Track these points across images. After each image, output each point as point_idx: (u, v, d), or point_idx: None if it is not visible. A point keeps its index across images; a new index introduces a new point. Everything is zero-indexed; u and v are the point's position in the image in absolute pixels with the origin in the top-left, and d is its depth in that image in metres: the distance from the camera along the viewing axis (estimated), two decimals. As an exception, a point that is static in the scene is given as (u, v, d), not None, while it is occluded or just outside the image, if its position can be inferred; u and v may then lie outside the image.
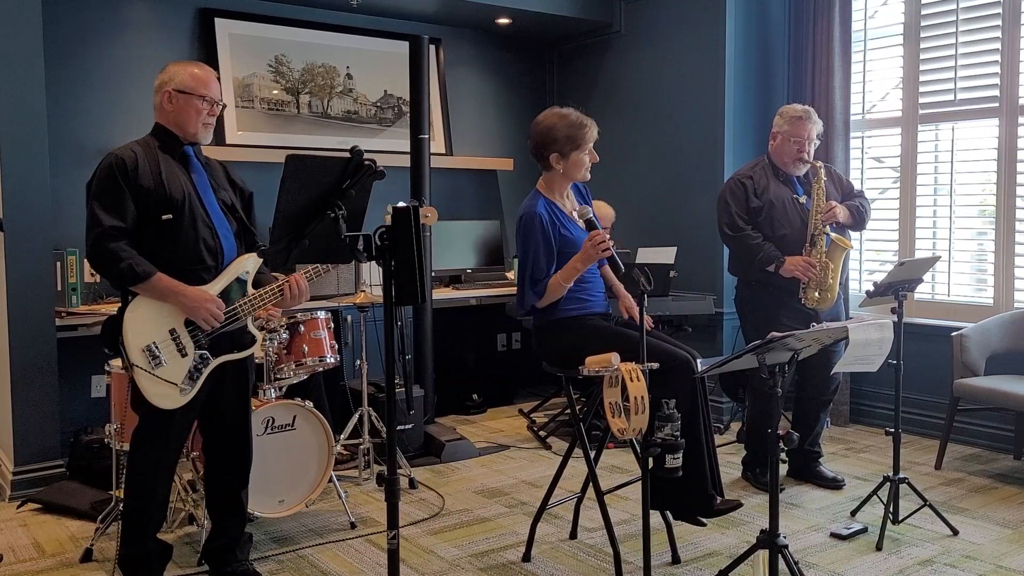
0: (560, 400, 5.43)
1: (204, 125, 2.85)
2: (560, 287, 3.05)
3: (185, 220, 2.73)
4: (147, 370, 2.65)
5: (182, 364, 2.71)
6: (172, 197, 2.71)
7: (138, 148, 2.77)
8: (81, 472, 3.96)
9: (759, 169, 3.97)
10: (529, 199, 3.20)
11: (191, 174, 2.82)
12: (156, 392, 2.67)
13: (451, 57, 5.91)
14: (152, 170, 2.72)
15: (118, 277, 2.67)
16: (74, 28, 4.62)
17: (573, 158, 3.13)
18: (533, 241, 3.09)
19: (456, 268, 5.60)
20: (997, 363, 4.34)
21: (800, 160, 3.87)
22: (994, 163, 4.57)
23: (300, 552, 3.30)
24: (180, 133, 2.82)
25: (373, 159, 2.15)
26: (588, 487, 3.24)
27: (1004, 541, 3.35)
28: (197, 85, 2.81)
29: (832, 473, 4.02)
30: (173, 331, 2.71)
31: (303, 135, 5.29)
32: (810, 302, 3.81)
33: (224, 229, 2.84)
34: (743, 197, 3.90)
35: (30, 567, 3.18)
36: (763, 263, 3.83)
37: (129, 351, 2.65)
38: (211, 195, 2.84)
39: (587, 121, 3.15)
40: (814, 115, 3.89)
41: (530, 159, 3.30)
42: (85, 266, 4.56)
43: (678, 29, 5.40)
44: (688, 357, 2.93)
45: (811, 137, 3.86)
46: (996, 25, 4.53)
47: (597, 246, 2.91)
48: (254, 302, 2.84)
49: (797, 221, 3.86)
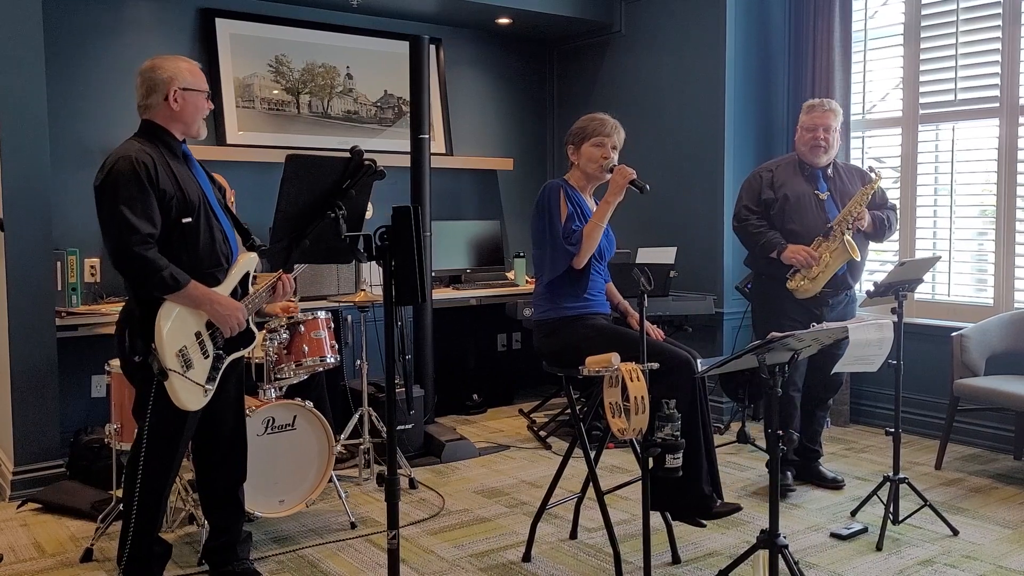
0: (560, 400, 5.43)
1: (203, 120, 2.84)
2: (596, 228, 3.10)
3: (202, 223, 2.72)
4: (181, 373, 2.64)
5: (205, 365, 2.72)
6: (190, 200, 2.69)
7: (149, 148, 2.69)
8: (81, 472, 3.96)
9: (785, 163, 4.00)
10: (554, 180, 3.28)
11: (195, 175, 2.80)
12: (187, 395, 2.66)
13: (451, 57, 5.91)
14: (168, 173, 2.68)
15: (156, 286, 2.60)
16: (74, 28, 4.62)
17: (584, 150, 3.20)
18: (555, 206, 3.15)
19: (456, 268, 5.60)
20: (997, 363, 4.34)
21: (817, 148, 3.84)
22: (994, 163, 4.57)
23: (300, 552, 3.30)
24: (181, 131, 2.78)
25: (373, 159, 2.16)
26: (588, 487, 3.24)
27: (1004, 541, 3.35)
28: (198, 81, 2.80)
29: (832, 474, 4.02)
30: (198, 334, 2.71)
31: (303, 135, 5.29)
32: (792, 283, 3.80)
33: (229, 229, 2.85)
34: (756, 188, 3.95)
35: (30, 567, 3.18)
36: (765, 249, 3.85)
37: (164, 356, 2.61)
38: (212, 195, 2.83)
39: (605, 118, 3.24)
40: (830, 104, 3.88)
41: (530, 159, 3.32)
42: (85, 266, 4.57)
43: (678, 29, 5.40)
44: (688, 357, 2.93)
45: (827, 125, 3.84)
46: (996, 25, 4.53)
47: (626, 177, 3.04)
48: (256, 300, 2.86)
49: (811, 217, 3.83)
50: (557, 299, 3.15)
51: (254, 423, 3.37)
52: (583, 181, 3.27)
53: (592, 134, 3.19)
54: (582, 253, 3.10)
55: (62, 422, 4.08)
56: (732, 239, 5.17)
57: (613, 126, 3.22)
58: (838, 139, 3.93)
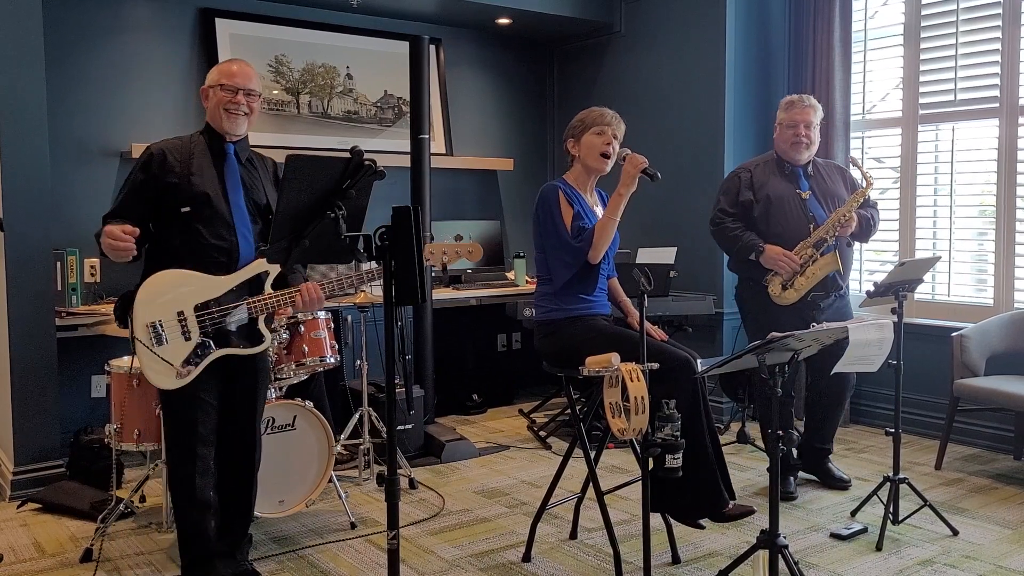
0: (560, 400, 5.43)
1: (227, 113, 2.86)
2: (610, 222, 3.08)
3: (204, 214, 2.79)
4: (147, 346, 2.71)
5: (184, 347, 2.74)
6: (195, 191, 2.79)
7: (178, 142, 2.89)
8: (81, 472, 3.95)
9: (763, 163, 3.95)
10: (550, 182, 3.26)
11: (224, 171, 2.87)
12: (153, 369, 2.73)
13: (451, 57, 5.91)
14: (182, 163, 2.82)
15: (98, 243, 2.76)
16: (74, 28, 4.62)
17: (585, 140, 3.18)
18: (556, 208, 3.12)
19: (456, 268, 5.59)
20: (997, 363, 4.33)
21: (798, 144, 3.81)
22: (994, 163, 4.57)
23: (300, 552, 3.30)
24: (217, 128, 2.89)
25: (373, 159, 2.15)
26: (588, 487, 3.24)
27: (1004, 541, 3.35)
28: (219, 76, 2.88)
29: (840, 473, 3.99)
30: (181, 313, 2.75)
31: (303, 135, 5.29)
32: (772, 289, 3.75)
33: (245, 230, 2.86)
34: (734, 190, 3.90)
35: (30, 567, 3.18)
36: (742, 253, 3.81)
37: (135, 324, 2.72)
38: (239, 194, 2.87)
39: (604, 109, 3.22)
40: (809, 100, 3.85)
41: (530, 159, 3.32)
42: (85, 266, 4.57)
43: (678, 29, 5.40)
44: (688, 357, 2.92)
45: (807, 121, 3.80)
46: (996, 25, 4.53)
47: (638, 166, 3.03)
48: (268, 301, 2.84)
49: (795, 218, 3.79)
50: (560, 299, 3.14)
51: (254, 423, 3.37)
52: (583, 177, 3.24)
53: (592, 123, 3.18)
54: (597, 248, 3.08)
55: (62, 422, 4.08)
56: (732, 239, 5.18)
57: (613, 116, 3.20)
58: (818, 135, 3.89)
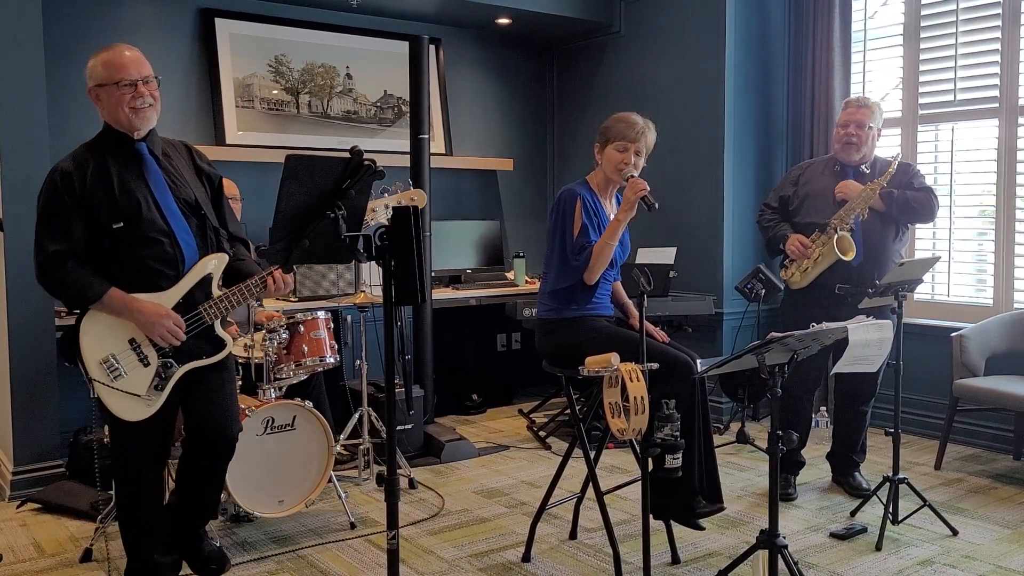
0: (560, 400, 5.43)
1: (133, 110, 2.60)
2: (607, 247, 3.04)
3: (141, 227, 2.59)
4: (106, 384, 2.57)
5: (145, 374, 2.61)
6: (125, 205, 2.58)
7: (86, 155, 2.62)
8: (80, 472, 3.96)
9: (820, 161, 4.02)
10: (573, 184, 3.21)
11: (146, 176, 2.65)
12: (120, 406, 2.59)
13: (451, 57, 5.91)
14: (101, 178, 2.58)
15: (71, 301, 2.64)
16: (74, 28, 4.62)
17: (607, 152, 3.15)
18: (570, 217, 3.09)
19: (456, 268, 5.60)
20: (997, 363, 4.34)
21: (848, 144, 3.77)
22: (994, 163, 4.57)
23: (300, 552, 3.30)
24: (124, 129, 2.63)
25: (373, 159, 2.15)
26: (588, 487, 3.24)
27: (1004, 541, 3.35)
28: (111, 73, 2.60)
29: (861, 480, 3.89)
30: (132, 340, 2.61)
31: (303, 135, 5.29)
32: (785, 273, 3.85)
33: (184, 233, 2.67)
34: (782, 185, 4.03)
35: (30, 567, 3.18)
36: (773, 243, 3.92)
37: (87, 365, 2.57)
38: (168, 197, 2.66)
39: (634, 120, 3.12)
40: (864, 101, 3.80)
41: (530, 159, 3.31)
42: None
43: (678, 29, 5.40)
44: (688, 358, 2.93)
45: (859, 121, 3.75)
46: (996, 25, 4.53)
47: (638, 192, 2.97)
48: (220, 304, 2.69)
49: (827, 213, 3.74)
50: (561, 300, 3.14)
51: (253, 423, 3.37)
52: (605, 182, 3.21)
53: (616, 137, 3.10)
54: (592, 272, 3.06)
55: (62, 422, 4.07)
56: (732, 239, 5.18)
57: (640, 131, 3.09)
58: (873, 137, 3.81)
